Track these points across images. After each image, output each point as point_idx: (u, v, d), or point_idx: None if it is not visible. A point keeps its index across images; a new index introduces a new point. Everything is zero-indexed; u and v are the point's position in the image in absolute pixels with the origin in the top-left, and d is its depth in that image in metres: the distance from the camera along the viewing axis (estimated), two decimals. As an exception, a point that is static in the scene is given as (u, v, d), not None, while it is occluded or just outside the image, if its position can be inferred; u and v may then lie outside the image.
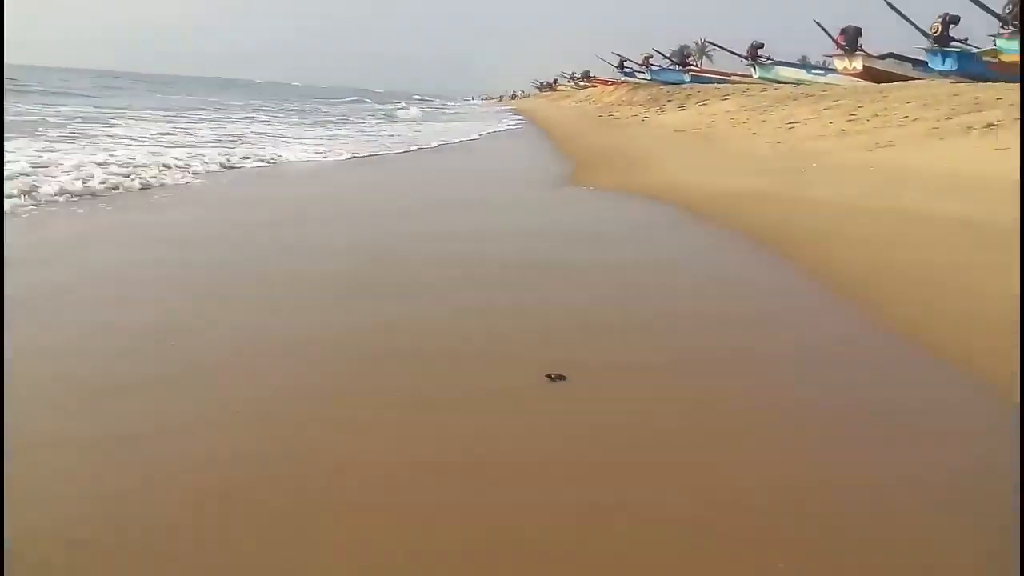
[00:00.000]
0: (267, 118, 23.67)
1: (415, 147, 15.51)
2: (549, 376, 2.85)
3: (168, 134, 14.84)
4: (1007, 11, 17.07)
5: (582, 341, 3.35)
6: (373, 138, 17.78)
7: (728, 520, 1.99)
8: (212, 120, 20.60)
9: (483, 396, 2.75)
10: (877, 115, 13.51)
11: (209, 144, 13.10)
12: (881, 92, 17.09)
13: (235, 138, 14.96)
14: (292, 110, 30.48)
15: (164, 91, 42.56)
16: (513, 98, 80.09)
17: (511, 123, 28.88)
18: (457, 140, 18.48)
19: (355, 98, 54.71)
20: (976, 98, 13.24)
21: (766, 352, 3.24)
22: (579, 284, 4.30)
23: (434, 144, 16.57)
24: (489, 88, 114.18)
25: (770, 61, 30.16)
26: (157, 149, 11.18)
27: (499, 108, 48.78)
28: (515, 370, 2.98)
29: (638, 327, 3.54)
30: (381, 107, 40.19)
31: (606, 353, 3.20)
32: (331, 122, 23.87)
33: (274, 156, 11.78)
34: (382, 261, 4.85)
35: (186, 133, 15.50)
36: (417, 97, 70.22)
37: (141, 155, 9.88)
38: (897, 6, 20.07)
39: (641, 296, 4.09)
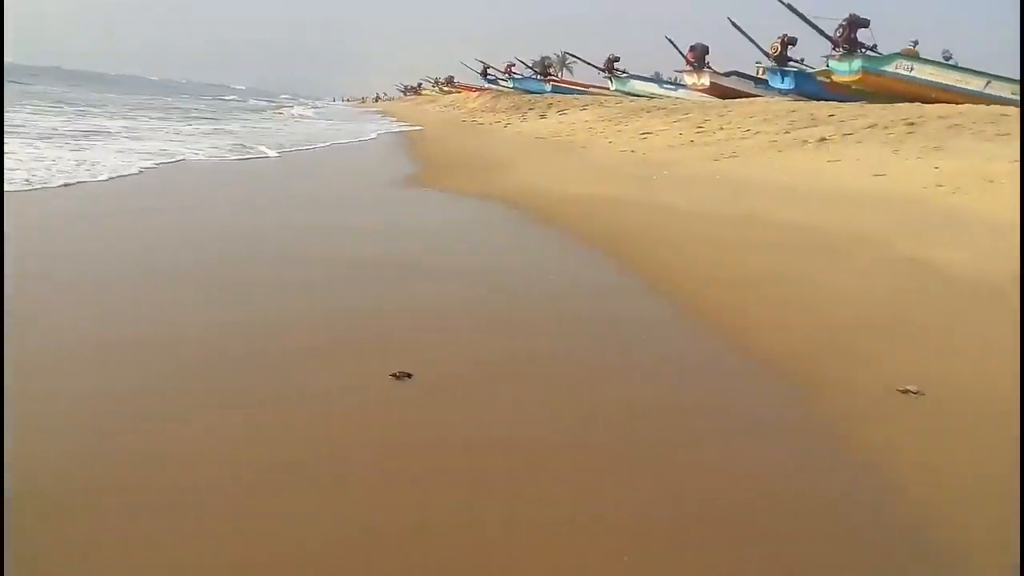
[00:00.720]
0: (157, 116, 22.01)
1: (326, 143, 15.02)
2: (394, 375, 2.76)
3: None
4: (838, 34, 18.46)
5: (428, 340, 3.30)
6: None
7: (576, 513, 1.96)
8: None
9: (329, 394, 2.70)
10: (723, 128, 14.23)
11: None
12: (726, 107, 18.05)
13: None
14: (172, 108, 28.59)
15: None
16: (376, 101, 79.01)
17: (381, 126, 28.41)
18: (348, 141, 18.06)
19: (233, 96, 52.92)
20: (811, 114, 14.22)
21: (597, 353, 3.26)
22: (428, 284, 4.22)
23: (340, 142, 16.08)
24: (352, 90, 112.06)
25: (626, 74, 31.24)
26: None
27: (364, 110, 47.82)
28: (362, 368, 2.91)
29: (483, 327, 3.50)
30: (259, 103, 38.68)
31: (450, 352, 3.15)
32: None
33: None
34: (230, 259, 4.67)
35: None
36: (285, 97, 68.17)
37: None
38: (740, 26, 21.28)
39: (486, 297, 4.04)
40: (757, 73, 24.18)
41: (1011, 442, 2.41)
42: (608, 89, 31.57)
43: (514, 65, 41.76)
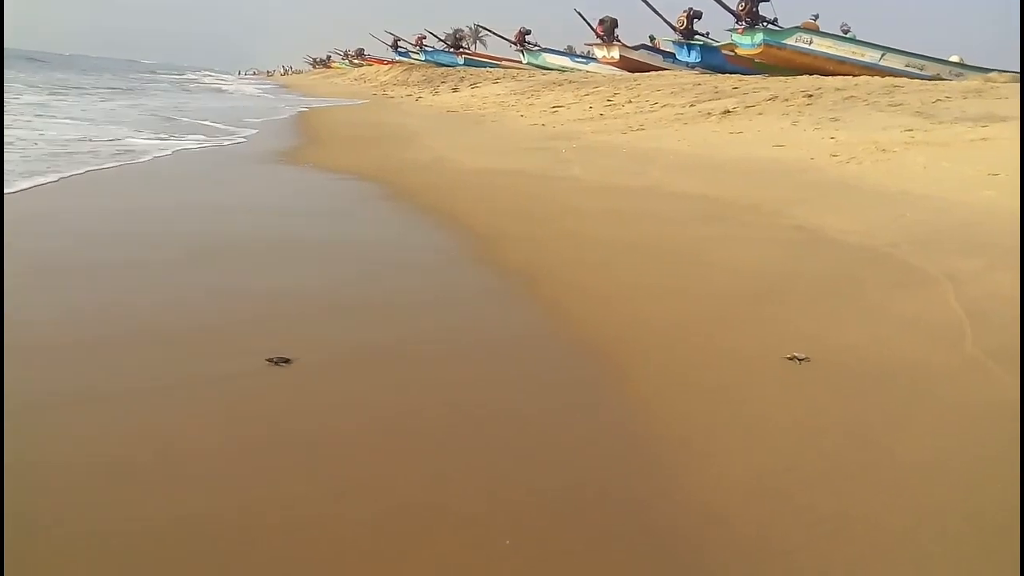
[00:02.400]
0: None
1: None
2: (271, 360, 2.60)
3: None
4: (740, 8, 18.81)
5: (309, 322, 3.12)
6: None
7: (455, 502, 1.87)
8: None
9: (196, 384, 2.49)
10: (631, 101, 14.35)
11: None
12: (635, 80, 18.22)
13: None
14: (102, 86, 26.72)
15: None
16: (284, 74, 76.62)
17: (279, 101, 27.49)
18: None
19: (146, 72, 50.65)
20: (716, 88, 14.48)
21: (482, 332, 3.16)
22: (307, 265, 4.02)
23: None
24: (259, 63, 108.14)
25: (537, 48, 31.16)
26: None
27: (265, 85, 46.14)
28: (234, 355, 2.71)
29: (363, 308, 3.34)
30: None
31: (334, 334, 2.99)
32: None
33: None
34: (95, 240, 4.34)
35: None
36: (192, 72, 65.83)
37: None
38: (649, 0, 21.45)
39: (368, 278, 3.84)
40: (652, 43, 24.59)
41: (894, 404, 2.45)
42: (521, 63, 31.46)
43: (425, 38, 41.11)
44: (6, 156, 7.03)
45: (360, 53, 53.92)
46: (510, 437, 2.24)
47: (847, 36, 18.98)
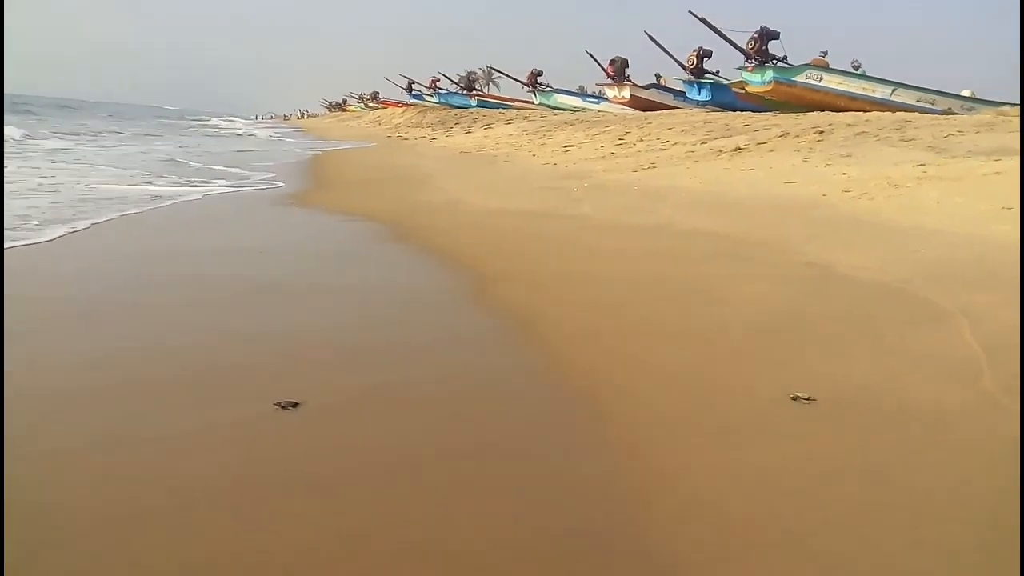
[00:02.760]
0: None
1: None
2: (279, 404, 2.60)
3: None
4: (750, 46, 18.98)
5: (318, 365, 3.12)
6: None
7: (457, 543, 1.84)
8: None
9: (203, 429, 2.49)
10: (642, 140, 14.44)
11: None
12: (647, 119, 18.36)
13: None
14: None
15: None
16: (300, 118, 77.83)
17: (298, 146, 27.91)
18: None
19: (195, 120, 52.14)
20: (727, 125, 14.56)
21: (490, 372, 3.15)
22: (314, 308, 4.03)
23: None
24: (276, 107, 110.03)
25: (549, 88, 31.51)
26: None
27: (282, 128, 46.88)
28: (242, 399, 2.72)
29: (368, 350, 3.33)
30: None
31: (343, 377, 2.98)
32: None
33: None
34: (98, 283, 4.40)
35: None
36: (215, 117, 67.45)
37: None
38: (658, 40, 21.71)
39: (377, 321, 3.83)
40: (658, 81, 24.84)
41: (911, 443, 2.41)
42: (533, 103, 31.80)
43: (439, 80, 41.70)
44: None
45: (375, 96, 54.71)
46: (502, 478, 2.22)
47: (857, 72, 19.08)
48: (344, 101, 67.99)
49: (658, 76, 25.33)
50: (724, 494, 2.12)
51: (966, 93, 18.53)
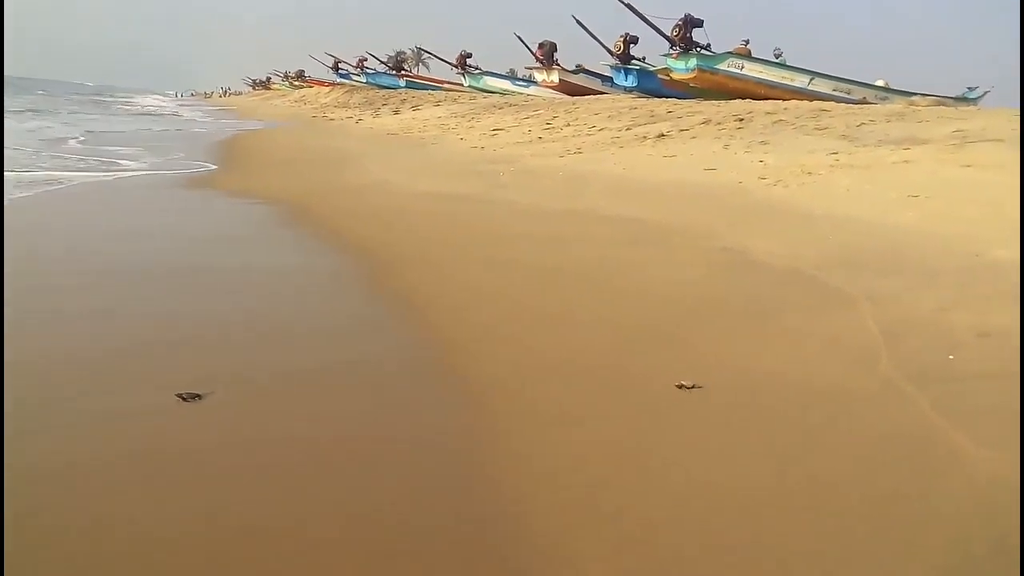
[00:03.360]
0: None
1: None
2: (181, 396, 2.50)
3: None
4: (675, 33, 19.20)
5: (220, 353, 3.04)
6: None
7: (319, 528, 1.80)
8: None
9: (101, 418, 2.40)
10: (569, 124, 14.48)
11: None
12: (574, 104, 18.41)
13: None
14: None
15: None
16: (223, 95, 75.40)
17: (217, 123, 27.05)
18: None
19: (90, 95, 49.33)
20: (651, 111, 14.71)
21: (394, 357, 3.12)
22: (212, 294, 3.94)
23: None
24: (198, 84, 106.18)
25: (479, 71, 31.29)
26: None
27: (203, 106, 45.32)
28: (141, 389, 2.61)
29: (268, 340, 3.26)
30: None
31: (247, 365, 2.91)
32: None
33: None
34: None
35: None
36: (135, 94, 64.69)
37: None
38: (585, 24, 21.75)
39: (272, 307, 3.76)
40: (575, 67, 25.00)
41: (813, 427, 2.46)
42: (462, 86, 31.56)
43: (366, 60, 40.97)
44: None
45: (300, 75, 53.42)
46: (369, 464, 2.21)
47: (778, 61, 19.53)
48: (268, 79, 66.20)
49: (580, 66, 25.44)
50: (583, 477, 2.15)
51: (880, 83, 19.18)
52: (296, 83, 53.26)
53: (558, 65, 25.28)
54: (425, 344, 3.24)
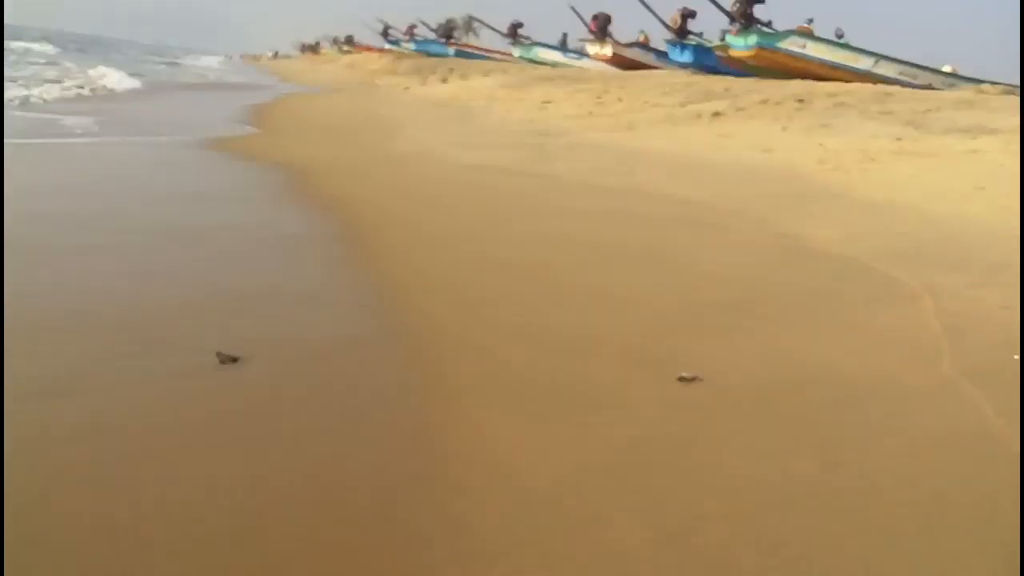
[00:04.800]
0: None
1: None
2: (220, 358, 2.52)
3: None
4: (735, 9, 18.70)
5: (258, 316, 3.05)
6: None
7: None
8: None
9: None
10: (621, 100, 14.23)
11: None
12: (627, 79, 18.09)
13: None
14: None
15: None
16: (273, 59, 75.82)
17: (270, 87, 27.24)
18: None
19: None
20: (707, 89, 14.38)
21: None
22: (257, 256, 3.97)
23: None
24: (248, 46, 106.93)
25: (530, 41, 30.89)
26: None
27: (250, 69, 45.64)
28: (181, 352, 2.61)
29: (317, 304, 3.28)
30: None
31: (284, 328, 2.92)
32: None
33: None
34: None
35: None
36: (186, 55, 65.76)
37: None
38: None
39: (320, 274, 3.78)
40: (638, 39, 24.45)
41: (867, 424, 2.36)
42: (512, 56, 31.23)
43: (416, 27, 40.78)
44: None
45: (349, 40, 53.37)
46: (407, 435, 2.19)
47: (841, 42, 18.92)
48: (318, 44, 66.30)
49: (643, 32, 24.91)
50: (622, 467, 2.07)
51: (948, 69, 18.48)
52: (345, 48, 53.27)
53: (612, 38, 24.84)
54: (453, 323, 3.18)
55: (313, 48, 67.56)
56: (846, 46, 18.69)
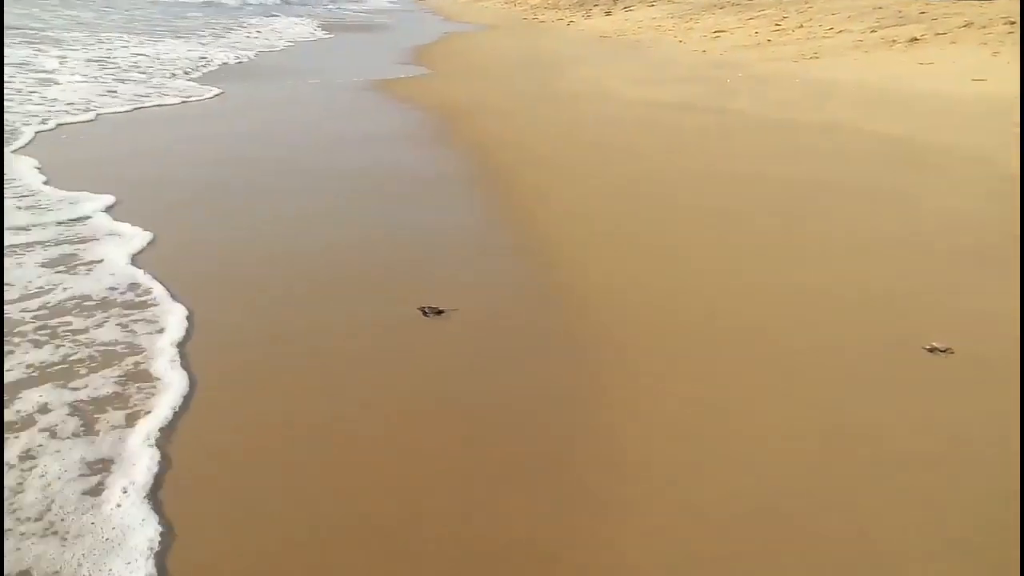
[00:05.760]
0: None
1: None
2: (423, 310, 2.54)
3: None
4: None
5: (459, 268, 3.04)
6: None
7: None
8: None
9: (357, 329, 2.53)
10: (802, 26, 13.26)
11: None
12: (807, 3, 16.81)
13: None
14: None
15: None
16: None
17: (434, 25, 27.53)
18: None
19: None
20: (900, 12, 13.11)
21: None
22: (443, 205, 3.92)
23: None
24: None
25: (698, -34, 29.31)
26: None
27: (410, 7, 46.20)
28: (390, 303, 2.69)
29: (510, 250, 3.23)
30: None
31: (484, 281, 2.91)
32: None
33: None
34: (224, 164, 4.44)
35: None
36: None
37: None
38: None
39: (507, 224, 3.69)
40: None
41: None
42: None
43: (579, -43, 39.66)
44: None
45: (511, -27, 52.83)
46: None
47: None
48: (478, -23, 65.99)
49: None
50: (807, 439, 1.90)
51: None
52: (506, -18, 52.75)
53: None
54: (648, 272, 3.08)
55: (471, -19, 67.25)
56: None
